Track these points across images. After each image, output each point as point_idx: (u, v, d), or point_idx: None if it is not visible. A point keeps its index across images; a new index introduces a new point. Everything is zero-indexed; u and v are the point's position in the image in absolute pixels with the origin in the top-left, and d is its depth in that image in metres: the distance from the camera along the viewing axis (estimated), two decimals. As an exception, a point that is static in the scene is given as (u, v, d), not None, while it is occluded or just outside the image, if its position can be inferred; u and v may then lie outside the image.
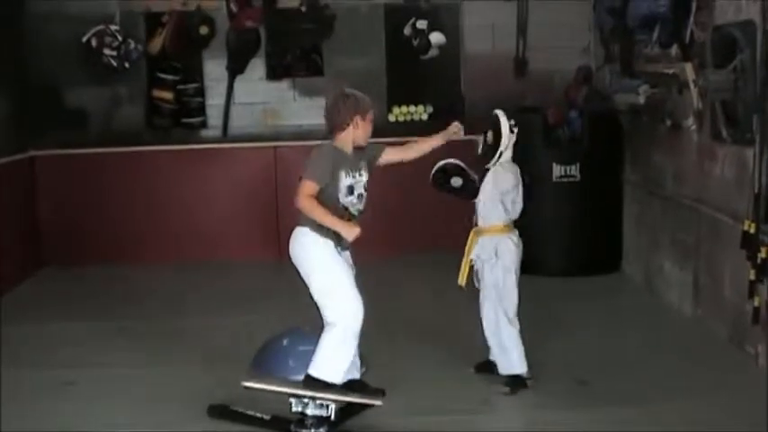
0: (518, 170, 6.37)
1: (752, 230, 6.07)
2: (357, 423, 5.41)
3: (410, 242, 9.78)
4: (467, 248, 6.28)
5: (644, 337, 7.24)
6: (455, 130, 6.08)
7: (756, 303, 6.06)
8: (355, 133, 5.57)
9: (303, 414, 5.17)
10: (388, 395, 5.57)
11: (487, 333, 6.26)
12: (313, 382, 5.37)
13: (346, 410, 5.34)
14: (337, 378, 5.40)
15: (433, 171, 6.27)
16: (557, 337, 7.23)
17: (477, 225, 6.30)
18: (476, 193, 6.19)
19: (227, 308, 8.27)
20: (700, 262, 7.35)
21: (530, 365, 6.18)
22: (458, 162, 6.27)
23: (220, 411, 5.65)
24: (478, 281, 6.31)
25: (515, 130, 6.25)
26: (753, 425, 5.36)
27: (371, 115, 5.64)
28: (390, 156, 5.96)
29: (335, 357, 5.40)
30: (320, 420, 5.15)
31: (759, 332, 6.22)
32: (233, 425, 5.53)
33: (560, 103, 9.50)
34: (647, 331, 7.39)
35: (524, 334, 6.34)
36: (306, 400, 5.24)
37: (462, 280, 6.31)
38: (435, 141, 6.10)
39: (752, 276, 6.04)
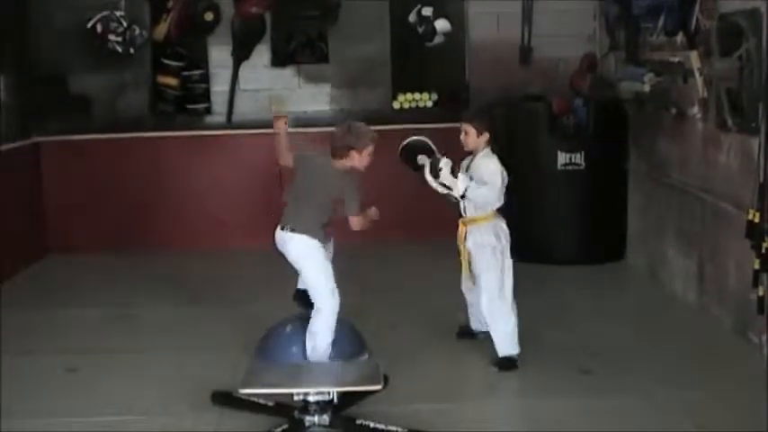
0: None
1: (756, 220, 6.06)
2: (360, 409, 5.42)
3: (415, 228, 9.75)
4: (459, 239, 6.42)
5: (648, 325, 7.25)
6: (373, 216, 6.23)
7: (761, 293, 6.05)
8: (354, 161, 6.02)
9: (306, 401, 5.18)
10: (391, 381, 5.57)
11: (487, 315, 6.39)
12: None
13: (349, 397, 5.35)
14: (325, 356, 6.03)
15: (401, 145, 6.41)
16: (560, 326, 7.25)
17: (464, 215, 6.43)
18: (437, 174, 6.22)
19: (232, 295, 8.29)
20: (704, 251, 7.35)
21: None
22: (427, 140, 6.39)
23: (224, 398, 5.66)
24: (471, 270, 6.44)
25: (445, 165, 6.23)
26: (756, 414, 5.36)
27: (371, 149, 6.01)
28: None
29: (324, 341, 6.03)
30: (323, 406, 5.16)
31: (763, 321, 6.21)
32: (237, 412, 5.54)
33: (565, 91, 9.49)
34: (651, 320, 7.40)
35: (528, 322, 6.36)
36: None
37: (466, 270, 6.47)
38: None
39: (756, 266, 6.04)
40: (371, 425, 5.22)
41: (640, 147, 8.88)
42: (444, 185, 6.22)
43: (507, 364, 6.31)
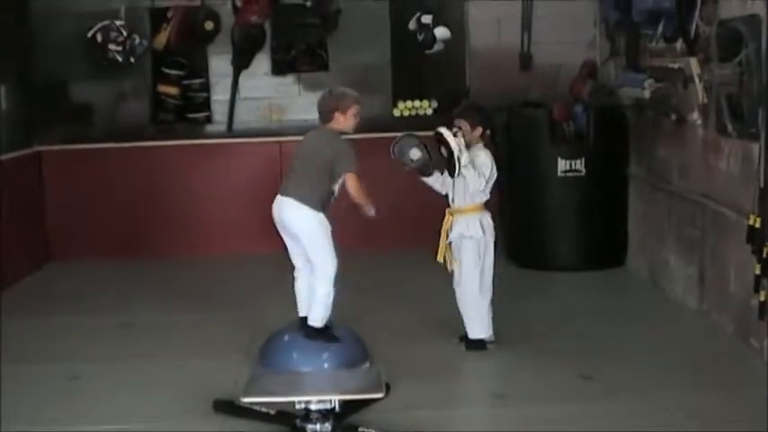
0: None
1: (757, 225, 6.06)
2: (362, 417, 5.42)
3: (411, 236, 9.73)
4: (445, 228, 6.67)
5: (649, 331, 7.24)
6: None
7: (762, 298, 6.05)
8: (340, 124, 6.28)
9: (308, 409, 5.18)
10: (393, 389, 5.57)
11: (464, 303, 6.72)
12: (311, 331, 6.27)
13: (351, 405, 5.35)
14: (323, 322, 6.27)
15: (395, 141, 6.57)
16: (561, 332, 7.25)
17: (451, 205, 6.68)
18: (429, 171, 6.56)
19: (232, 302, 8.29)
20: (705, 256, 7.35)
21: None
22: (416, 135, 6.62)
23: (226, 406, 5.66)
24: (452, 260, 6.70)
25: (458, 134, 6.49)
26: (757, 419, 5.35)
27: (354, 110, 6.29)
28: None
29: (322, 309, 6.24)
30: (325, 415, 5.16)
31: (764, 327, 6.21)
32: (239, 420, 5.54)
33: (565, 98, 9.50)
34: (652, 326, 7.39)
35: (528, 328, 6.37)
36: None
37: (441, 257, 6.71)
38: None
39: (757, 271, 6.04)
40: (373, 432, 5.23)
41: (641, 153, 8.89)
42: (457, 149, 6.36)
43: (477, 345, 6.69)
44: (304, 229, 6.19)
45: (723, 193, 6.92)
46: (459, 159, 6.35)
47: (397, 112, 10.24)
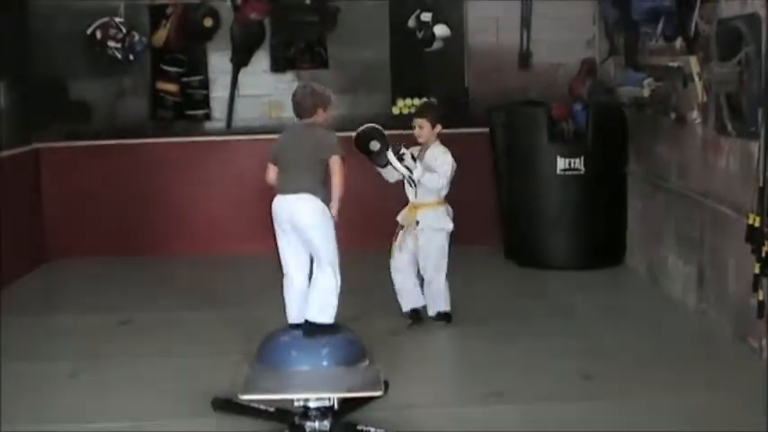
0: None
1: (756, 224, 6.05)
2: (361, 415, 5.41)
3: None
4: (407, 220, 7.15)
5: (647, 330, 7.24)
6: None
7: (761, 297, 6.04)
8: (320, 117, 6.56)
9: (306, 407, 5.18)
10: (391, 387, 5.57)
11: (435, 287, 7.22)
12: (315, 328, 6.30)
13: (349, 403, 5.35)
14: (331, 318, 6.34)
15: (356, 132, 6.93)
16: (560, 331, 7.25)
17: (414, 199, 7.14)
18: (384, 161, 6.92)
19: (232, 300, 8.30)
20: (704, 255, 7.35)
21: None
22: (379, 127, 6.95)
23: (225, 404, 5.65)
24: (402, 248, 7.22)
25: (405, 155, 6.99)
26: (756, 419, 5.35)
27: (332, 107, 6.66)
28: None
29: (331, 302, 6.33)
30: (324, 412, 5.16)
31: (763, 326, 6.21)
32: (237, 418, 5.53)
33: (564, 97, 9.50)
34: (651, 325, 7.39)
35: (527, 326, 6.38)
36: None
37: (399, 243, 7.21)
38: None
39: (756, 270, 6.03)
40: (372, 430, 5.22)
41: (640, 151, 8.89)
42: (408, 168, 6.91)
43: (447, 317, 7.27)
44: (317, 221, 6.27)
45: (722, 191, 6.92)
46: (413, 181, 6.96)
47: (396, 110, 10.23)
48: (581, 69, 9.80)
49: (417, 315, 7.35)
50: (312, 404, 5.15)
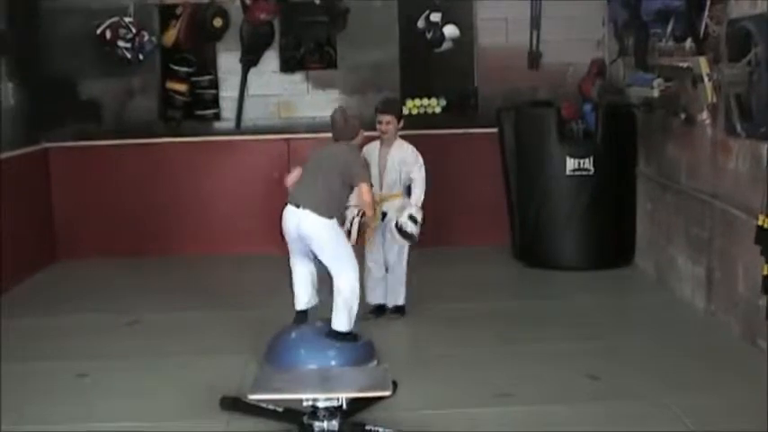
0: None
1: (766, 225, 6.03)
2: (369, 415, 5.42)
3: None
4: (375, 212, 6.95)
5: (656, 331, 7.23)
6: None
7: (769, 298, 6.04)
8: (358, 140, 6.78)
9: (315, 407, 5.19)
10: (399, 387, 5.57)
11: (399, 276, 7.41)
12: (339, 336, 6.40)
13: (358, 402, 5.35)
14: (350, 327, 6.42)
15: (398, 227, 7.10)
16: (568, 331, 7.24)
17: (380, 191, 7.18)
18: (416, 221, 7.06)
19: (240, 300, 8.30)
20: (713, 257, 7.33)
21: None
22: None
23: (233, 403, 5.66)
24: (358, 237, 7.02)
25: (355, 221, 6.83)
26: (765, 420, 5.34)
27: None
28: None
29: (352, 310, 6.42)
30: (332, 412, 5.16)
31: (772, 327, 6.21)
32: (246, 417, 5.54)
33: (574, 97, 9.49)
34: (659, 326, 7.38)
35: (535, 327, 6.34)
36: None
37: (370, 234, 7.22)
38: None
39: (765, 271, 6.01)
40: (381, 430, 5.22)
41: (649, 152, 8.88)
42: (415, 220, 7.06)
43: (401, 310, 7.46)
44: (325, 238, 6.35)
45: (732, 193, 6.90)
46: (401, 226, 7.06)
47: (405, 111, 10.21)
48: (590, 70, 9.79)
49: (382, 310, 7.52)
50: (321, 404, 5.15)
